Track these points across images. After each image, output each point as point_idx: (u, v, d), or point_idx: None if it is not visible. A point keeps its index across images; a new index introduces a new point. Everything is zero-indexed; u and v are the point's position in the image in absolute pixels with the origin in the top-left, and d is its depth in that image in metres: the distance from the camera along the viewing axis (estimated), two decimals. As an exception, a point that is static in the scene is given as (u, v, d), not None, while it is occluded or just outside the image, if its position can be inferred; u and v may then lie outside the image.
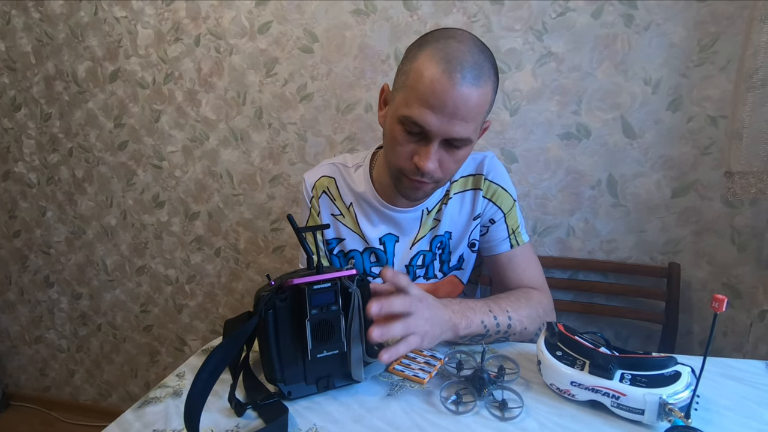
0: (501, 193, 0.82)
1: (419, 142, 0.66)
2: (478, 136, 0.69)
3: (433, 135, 0.63)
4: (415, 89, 0.62)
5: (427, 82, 0.61)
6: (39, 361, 1.90)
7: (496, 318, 0.69)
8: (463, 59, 0.60)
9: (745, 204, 1.05)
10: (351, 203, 0.84)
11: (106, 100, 1.48)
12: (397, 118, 0.66)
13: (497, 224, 0.82)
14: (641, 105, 1.07)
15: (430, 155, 0.64)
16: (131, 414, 0.60)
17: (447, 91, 0.60)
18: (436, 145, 0.64)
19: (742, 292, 1.09)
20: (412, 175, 0.68)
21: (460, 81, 0.60)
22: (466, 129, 0.63)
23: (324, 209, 0.85)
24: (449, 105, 0.60)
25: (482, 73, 0.62)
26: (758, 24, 0.80)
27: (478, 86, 0.61)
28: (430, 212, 0.82)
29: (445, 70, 0.60)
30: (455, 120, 0.62)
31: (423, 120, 0.62)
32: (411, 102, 0.63)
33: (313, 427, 0.55)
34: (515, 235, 0.82)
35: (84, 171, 1.59)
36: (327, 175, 0.85)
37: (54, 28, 1.47)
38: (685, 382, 0.51)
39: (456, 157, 0.68)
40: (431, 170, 0.65)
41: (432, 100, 0.61)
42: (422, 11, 1.15)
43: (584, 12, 1.05)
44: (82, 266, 1.70)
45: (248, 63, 1.32)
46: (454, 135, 0.63)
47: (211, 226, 1.50)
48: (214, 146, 1.42)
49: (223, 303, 1.58)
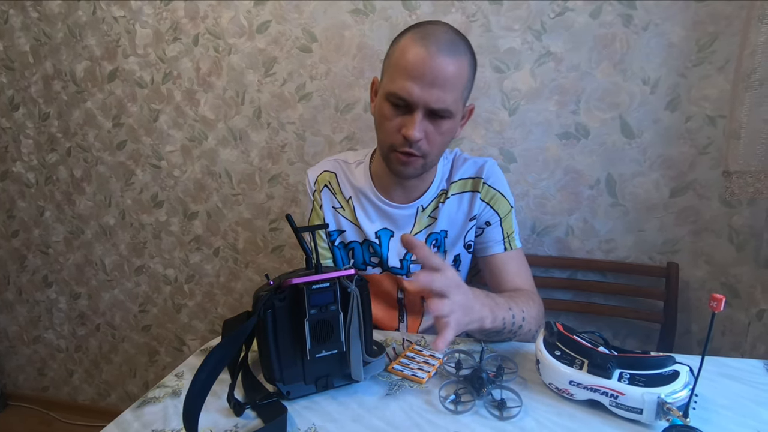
0: (499, 198, 0.85)
1: (405, 115, 0.71)
2: (461, 112, 0.75)
3: (415, 104, 0.69)
4: (397, 65, 0.70)
5: (407, 56, 0.68)
6: (37, 361, 1.90)
7: (514, 316, 0.68)
8: (438, 35, 0.68)
9: (743, 203, 1.05)
10: (350, 197, 0.88)
11: (104, 99, 1.48)
12: (384, 96, 0.72)
13: (493, 227, 0.85)
14: (640, 105, 1.07)
15: (416, 124, 0.69)
16: (130, 414, 0.60)
17: (424, 61, 0.67)
18: (420, 115, 0.69)
19: (740, 292, 1.09)
20: (401, 148, 0.73)
21: (435, 52, 0.67)
22: (445, 98, 0.69)
23: (326, 202, 0.89)
24: (428, 74, 0.67)
25: (457, 47, 0.69)
26: (756, 24, 0.81)
27: (454, 57, 0.68)
28: (425, 209, 0.86)
29: (423, 45, 0.68)
30: (434, 89, 0.67)
31: (405, 91, 0.68)
32: (395, 78, 0.70)
33: (312, 426, 0.55)
34: (509, 240, 0.85)
35: (82, 171, 1.58)
36: (329, 170, 0.90)
37: (52, 28, 1.46)
38: (683, 381, 0.51)
39: (440, 129, 0.72)
40: (417, 138, 0.70)
41: (412, 71, 0.67)
42: (421, 11, 1.15)
43: (583, 12, 1.05)
44: (80, 266, 1.70)
45: (247, 62, 1.31)
46: (435, 103, 0.68)
47: (210, 226, 1.50)
48: (213, 146, 1.42)
49: (222, 303, 1.57)
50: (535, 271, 1.22)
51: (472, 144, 1.20)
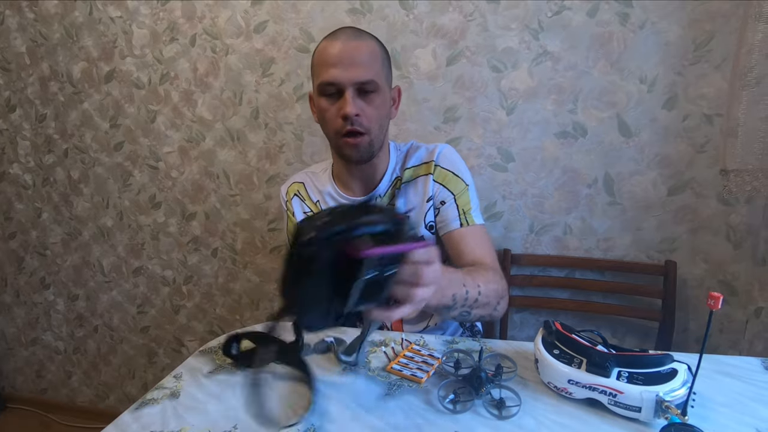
0: (451, 177, 0.89)
1: (339, 100, 0.79)
2: (388, 90, 0.83)
3: (343, 84, 0.77)
4: (319, 63, 0.79)
5: (324, 53, 0.78)
6: (35, 363, 1.89)
7: (467, 292, 0.67)
8: (344, 30, 0.80)
9: (740, 202, 1.05)
10: (318, 200, 0.95)
11: (101, 100, 1.48)
12: (317, 92, 0.80)
13: (448, 204, 0.88)
14: (637, 103, 1.07)
15: (349, 101, 0.77)
16: (129, 415, 0.60)
17: (338, 48, 0.77)
18: (351, 93, 0.77)
19: (738, 290, 1.10)
20: (344, 130, 0.79)
21: (345, 40, 0.78)
22: (366, 72, 0.77)
23: (297, 209, 0.96)
24: (345, 56, 0.76)
25: (362, 34, 0.80)
26: (753, 22, 0.81)
27: (362, 39, 0.79)
28: (383, 198, 0.91)
29: (333, 39, 0.79)
30: (353, 67, 0.76)
31: (331, 76, 0.76)
32: (320, 73, 0.79)
33: (311, 427, 0.55)
34: (466, 216, 0.88)
35: (80, 172, 1.58)
36: (297, 181, 0.98)
37: (48, 29, 1.46)
38: (681, 379, 0.52)
39: (373, 104, 0.79)
40: (353, 112, 0.77)
41: (331, 60, 0.77)
42: (418, 10, 1.15)
43: (580, 11, 1.06)
44: (78, 268, 1.70)
45: (244, 63, 1.31)
46: (359, 77, 0.76)
47: (208, 227, 1.50)
48: (211, 146, 1.41)
49: (220, 304, 1.57)
50: (533, 270, 1.23)
51: (469, 143, 1.20)
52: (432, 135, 1.21)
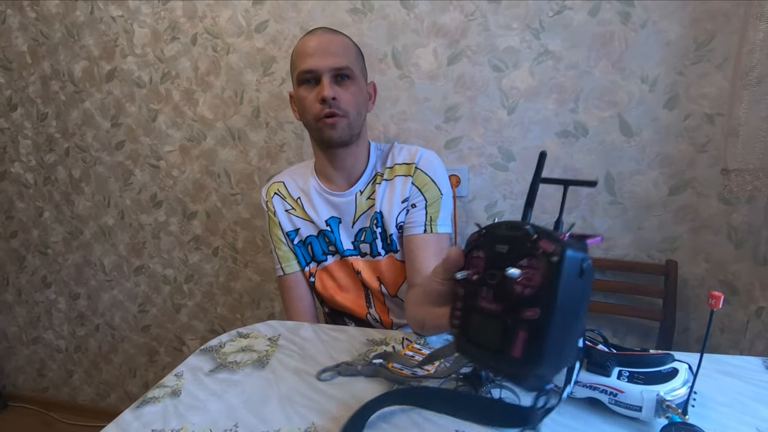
0: (429, 184, 0.90)
1: (316, 87, 0.83)
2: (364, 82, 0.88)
3: (320, 71, 0.81)
4: (297, 57, 0.84)
5: (302, 48, 0.84)
6: (37, 361, 1.90)
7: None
8: (320, 28, 0.86)
9: (741, 201, 1.05)
10: (299, 197, 0.97)
11: (102, 99, 1.48)
12: (297, 83, 0.85)
13: (417, 209, 0.90)
14: (638, 103, 1.07)
15: (326, 86, 0.81)
16: (130, 414, 0.60)
17: (314, 41, 0.83)
18: (328, 79, 0.81)
19: (739, 289, 1.10)
20: (322, 113, 0.82)
21: (321, 33, 0.84)
22: (340, 60, 0.82)
23: (278, 207, 0.98)
24: (321, 47, 0.82)
25: (335, 31, 0.86)
26: (754, 21, 0.81)
27: (336, 34, 0.85)
28: (363, 192, 0.92)
29: (309, 35, 0.85)
30: (328, 55, 0.81)
31: (308, 64, 0.81)
32: (298, 65, 0.83)
33: (311, 426, 0.55)
34: (432, 224, 0.89)
35: (81, 171, 1.58)
36: (277, 181, 1.00)
37: (50, 28, 1.46)
38: (682, 378, 0.51)
39: (349, 90, 0.84)
40: (330, 95, 0.81)
41: (308, 51, 0.82)
42: (419, 9, 1.15)
43: (581, 10, 1.05)
44: (79, 266, 1.70)
45: (245, 62, 1.31)
46: (335, 64, 0.81)
47: (209, 226, 1.50)
48: (212, 145, 1.41)
49: (221, 303, 1.57)
50: (534, 269, 1.22)
51: (470, 143, 1.20)
52: (433, 134, 1.21)
